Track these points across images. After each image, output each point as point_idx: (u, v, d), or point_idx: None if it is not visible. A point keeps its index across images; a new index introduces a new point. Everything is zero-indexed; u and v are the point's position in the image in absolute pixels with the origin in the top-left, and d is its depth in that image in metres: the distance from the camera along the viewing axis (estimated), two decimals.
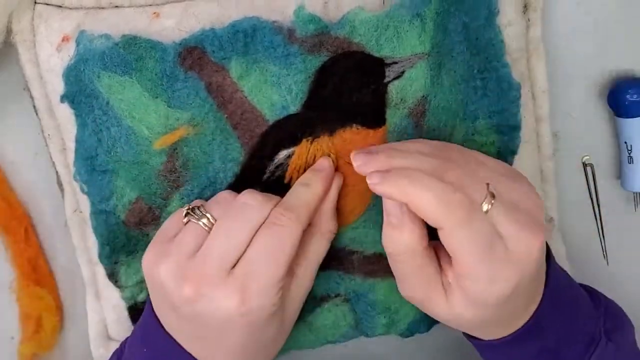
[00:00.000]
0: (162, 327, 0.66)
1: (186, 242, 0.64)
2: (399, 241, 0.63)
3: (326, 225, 0.68)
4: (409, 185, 0.59)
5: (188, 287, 0.62)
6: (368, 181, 0.61)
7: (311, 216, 0.66)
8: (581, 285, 0.74)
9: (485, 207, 0.60)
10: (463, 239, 0.59)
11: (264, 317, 0.63)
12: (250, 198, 0.64)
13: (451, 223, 0.59)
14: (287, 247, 0.63)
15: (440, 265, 0.64)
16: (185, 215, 0.65)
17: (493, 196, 0.60)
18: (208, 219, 0.64)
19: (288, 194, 0.66)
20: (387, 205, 0.63)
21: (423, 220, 0.61)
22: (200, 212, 0.64)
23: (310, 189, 0.66)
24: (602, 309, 0.71)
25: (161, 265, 0.63)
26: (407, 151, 0.63)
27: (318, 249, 0.68)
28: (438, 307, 0.64)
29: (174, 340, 0.66)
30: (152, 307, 0.67)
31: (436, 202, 0.59)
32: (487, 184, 0.61)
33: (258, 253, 0.62)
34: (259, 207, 0.63)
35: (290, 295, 0.66)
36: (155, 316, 0.67)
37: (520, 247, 0.60)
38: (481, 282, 0.61)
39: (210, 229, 0.64)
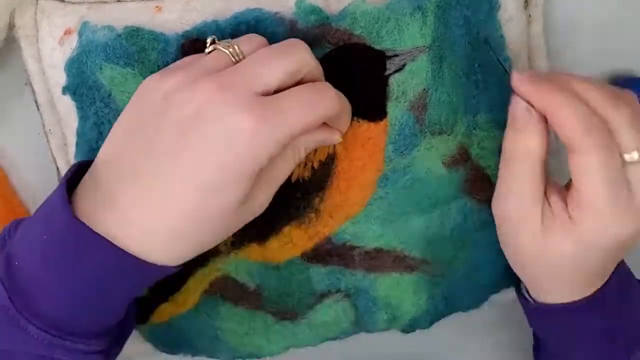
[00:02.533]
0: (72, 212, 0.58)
1: (208, 64, 0.59)
2: (520, 144, 0.62)
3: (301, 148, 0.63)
4: (556, 94, 0.59)
5: (214, 87, 0.56)
6: (514, 80, 0.61)
7: (339, 113, 0.62)
8: None
9: (629, 156, 0.59)
10: (593, 166, 0.58)
11: (259, 155, 0.57)
12: (295, 43, 0.61)
13: (586, 146, 0.58)
14: (320, 112, 0.59)
15: (546, 194, 0.63)
16: (210, 45, 0.61)
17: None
18: (235, 49, 0.60)
19: None
20: (515, 108, 0.62)
21: (546, 132, 0.61)
22: (227, 42, 0.60)
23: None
24: None
25: (173, 77, 0.59)
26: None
27: (285, 163, 0.63)
28: (530, 231, 0.63)
29: (83, 222, 0.57)
30: (64, 188, 0.59)
31: (576, 120, 0.58)
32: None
33: (297, 96, 0.58)
34: (301, 53, 0.60)
35: (251, 194, 0.60)
36: (63, 199, 0.58)
37: None
38: (594, 217, 0.59)
39: (237, 61, 0.60)
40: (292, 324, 0.74)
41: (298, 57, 0.60)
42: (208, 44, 0.62)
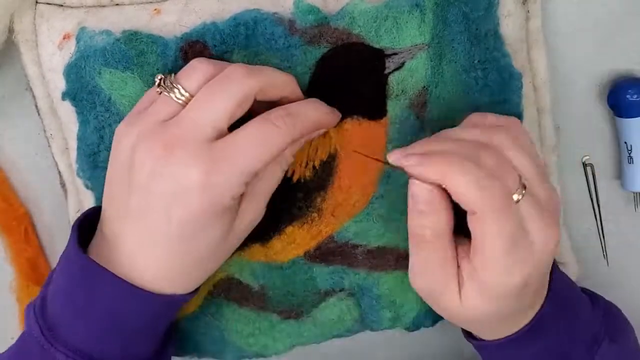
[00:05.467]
0: (82, 250, 0.64)
1: (158, 110, 0.63)
2: (428, 227, 0.62)
3: (286, 156, 0.66)
4: (447, 167, 0.59)
5: (160, 147, 0.60)
6: (404, 163, 0.60)
7: (306, 133, 0.64)
8: (581, 288, 0.74)
9: (516, 197, 0.60)
10: (494, 227, 0.59)
11: (218, 203, 0.60)
12: (233, 71, 0.62)
13: (487, 209, 0.59)
14: (274, 147, 0.61)
15: (457, 258, 0.64)
16: (158, 86, 0.63)
17: (524, 187, 0.61)
18: (179, 90, 0.62)
19: (298, 102, 0.64)
20: (416, 190, 0.61)
21: (450, 207, 0.61)
22: (171, 83, 0.63)
23: (320, 111, 0.65)
24: (601, 312, 0.72)
25: (133, 129, 0.62)
26: (444, 136, 0.64)
27: (273, 175, 0.66)
28: (451, 300, 0.64)
29: (93, 260, 0.63)
30: (76, 230, 0.65)
31: (475, 187, 0.59)
32: (520, 176, 0.61)
33: (245, 138, 0.60)
34: (241, 80, 0.61)
35: (239, 220, 0.65)
36: (77, 240, 0.64)
37: (540, 240, 0.61)
38: (497, 271, 0.61)
39: (183, 102, 0.62)
40: (297, 323, 0.74)
41: (239, 86, 0.61)
42: (156, 84, 0.64)
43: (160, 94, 0.63)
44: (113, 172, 0.64)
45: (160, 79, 0.63)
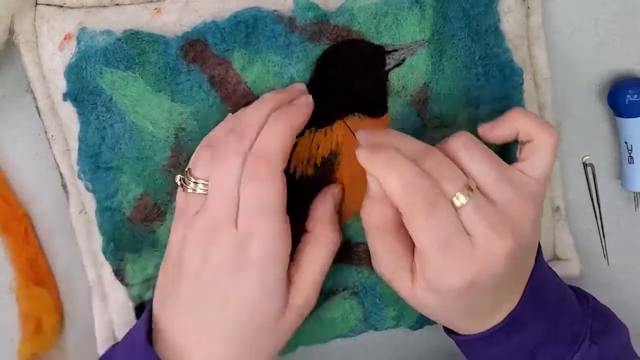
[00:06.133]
0: (149, 342, 0.65)
1: (190, 209, 0.65)
2: (375, 215, 0.63)
3: (324, 234, 0.67)
4: (383, 163, 0.60)
5: (201, 237, 0.63)
6: (357, 151, 0.62)
7: (287, 153, 0.64)
8: (571, 287, 0.73)
9: (458, 201, 0.60)
10: (420, 227, 0.60)
11: (266, 268, 0.62)
12: (224, 152, 0.64)
13: (410, 209, 0.60)
14: (273, 197, 0.62)
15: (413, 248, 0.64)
16: (182, 187, 0.65)
17: (470, 190, 0.60)
18: (195, 183, 0.64)
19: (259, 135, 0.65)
20: (369, 177, 0.63)
21: None
22: (188, 180, 0.65)
23: (278, 126, 0.64)
24: (589, 312, 0.71)
25: (178, 229, 0.65)
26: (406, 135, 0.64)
27: (316, 257, 0.67)
28: (403, 288, 0.65)
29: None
30: (144, 324, 0.67)
31: (400, 185, 0.59)
32: (467, 178, 0.61)
33: (252, 205, 0.62)
34: (234, 159, 0.63)
35: (291, 301, 0.65)
36: (144, 332, 0.66)
37: (483, 246, 0.61)
38: (434, 269, 0.61)
39: (205, 191, 0.64)
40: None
41: (233, 166, 0.63)
42: (179, 186, 0.66)
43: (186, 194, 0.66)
44: (164, 269, 0.67)
45: (179, 179, 0.66)
